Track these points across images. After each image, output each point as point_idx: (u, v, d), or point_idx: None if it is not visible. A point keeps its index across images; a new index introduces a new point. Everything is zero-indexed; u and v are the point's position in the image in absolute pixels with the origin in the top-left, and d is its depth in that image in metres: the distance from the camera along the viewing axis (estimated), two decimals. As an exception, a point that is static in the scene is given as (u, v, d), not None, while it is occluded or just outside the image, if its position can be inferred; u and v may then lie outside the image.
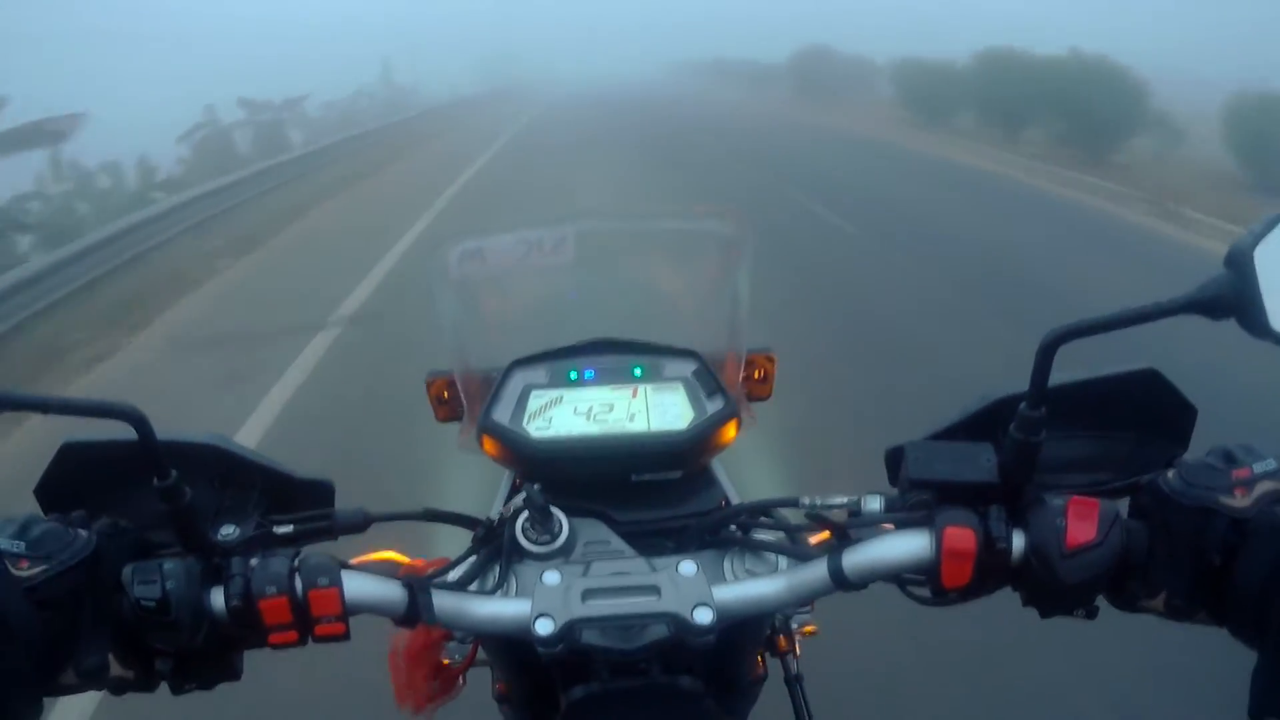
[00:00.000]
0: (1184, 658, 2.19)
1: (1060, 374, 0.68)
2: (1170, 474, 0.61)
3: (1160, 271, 6.42)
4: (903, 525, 0.62)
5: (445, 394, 0.78)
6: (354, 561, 0.72)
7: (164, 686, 0.61)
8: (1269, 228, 0.62)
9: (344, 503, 0.70)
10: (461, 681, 0.81)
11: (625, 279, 0.77)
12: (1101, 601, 0.62)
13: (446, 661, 0.79)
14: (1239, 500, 0.57)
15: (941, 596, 0.61)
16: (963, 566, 0.59)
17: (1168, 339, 1.44)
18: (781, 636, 0.78)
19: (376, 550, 0.74)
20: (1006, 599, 0.64)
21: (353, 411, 4.08)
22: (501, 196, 9.88)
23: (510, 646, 0.70)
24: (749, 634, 0.74)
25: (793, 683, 0.77)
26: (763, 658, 0.78)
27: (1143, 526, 0.61)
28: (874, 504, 0.64)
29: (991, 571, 0.60)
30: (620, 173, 11.29)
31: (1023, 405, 0.60)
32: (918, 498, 0.62)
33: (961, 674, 2.29)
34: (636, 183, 10.55)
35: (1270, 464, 0.59)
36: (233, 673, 0.63)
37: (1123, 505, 0.64)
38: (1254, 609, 0.55)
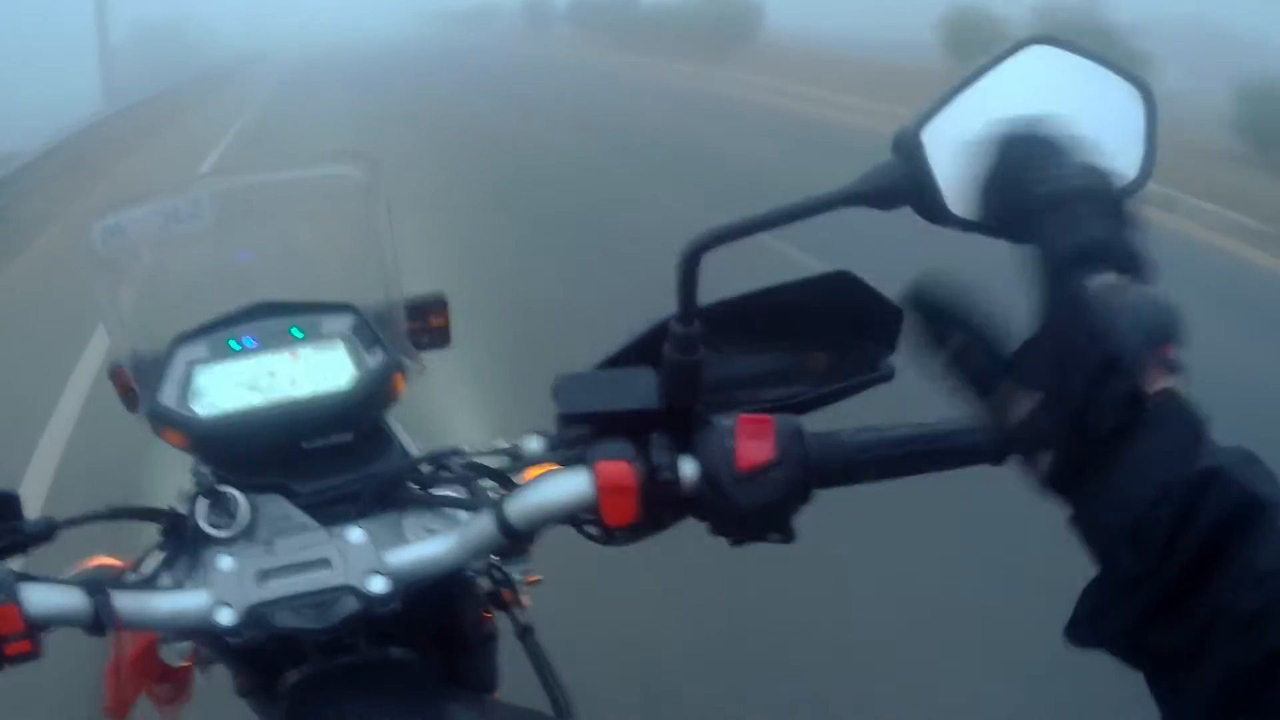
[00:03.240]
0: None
1: (749, 284, 0.64)
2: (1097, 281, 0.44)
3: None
4: (564, 464, 0.58)
5: (130, 383, 0.73)
6: (73, 572, 0.68)
7: None
8: (936, 108, 0.59)
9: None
10: (200, 680, 0.78)
11: (273, 237, 0.72)
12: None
13: (186, 663, 0.76)
14: (1153, 379, 0.42)
15: (611, 536, 0.58)
16: (624, 502, 0.56)
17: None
18: (505, 590, 0.76)
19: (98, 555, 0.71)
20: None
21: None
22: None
23: (220, 639, 0.67)
24: (458, 593, 0.71)
25: (523, 635, 0.74)
26: (490, 614, 0.76)
27: (838, 438, 0.57)
28: (535, 445, 0.60)
29: (663, 504, 0.57)
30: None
31: (672, 322, 0.56)
32: (575, 433, 0.58)
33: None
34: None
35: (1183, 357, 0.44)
36: None
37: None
38: (1133, 509, 0.41)
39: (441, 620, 0.69)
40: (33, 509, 0.63)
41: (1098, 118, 0.61)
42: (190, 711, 0.77)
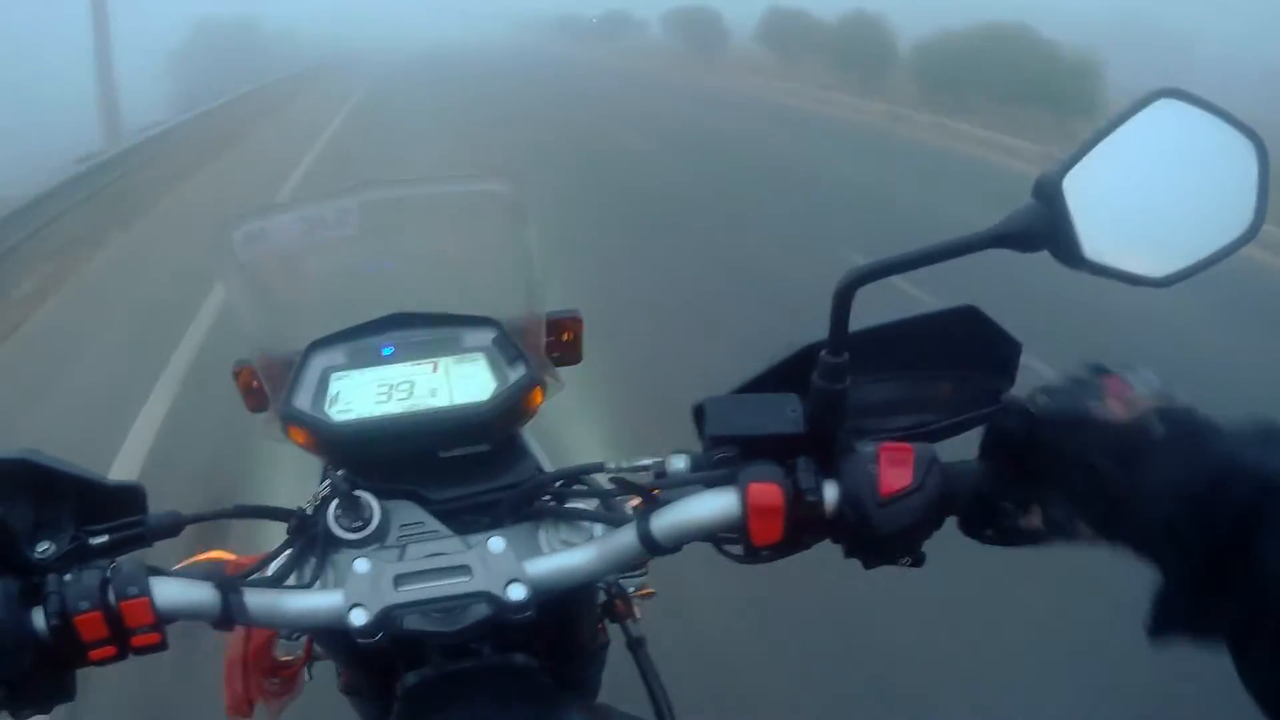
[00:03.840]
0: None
1: (880, 316, 0.67)
2: (1028, 395, 0.57)
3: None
4: (710, 484, 0.60)
5: (254, 382, 0.74)
6: (183, 564, 0.69)
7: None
8: (1078, 155, 0.61)
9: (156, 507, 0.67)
10: (307, 677, 0.79)
11: (417, 248, 0.73)
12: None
13: (287, 658, 0.77)
14: (1116, 411, 0.52)
15: (755, 554, 0.60)
16: (771, 523, 0.58)
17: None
18: (619, 601, 0.77)
19: (212, 549, 0.72)
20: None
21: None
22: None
23: (341, 637, 0.69)
24: (580, 603, 0.73)
25: (634, 647, 0.76)
26: (603, 624, 0.77)
27: (981, 464, 0.59)
28: (680, 464, 0.62)
29: (806, 525, 0.59)
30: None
31: (823, 352, 0.58)
32: (722, 454, 0.60)
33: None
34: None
35: (1153, 380, 0.55)
36: (66, 693, 0.60)
37: (959, 443, 0.63)
38: (1164, 522, 0.48)
39: (560, 629, 0.71)
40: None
41: (1214, 168, 0.64)
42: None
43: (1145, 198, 0.63)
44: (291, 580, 0.64)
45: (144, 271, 6.16)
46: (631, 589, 0.78)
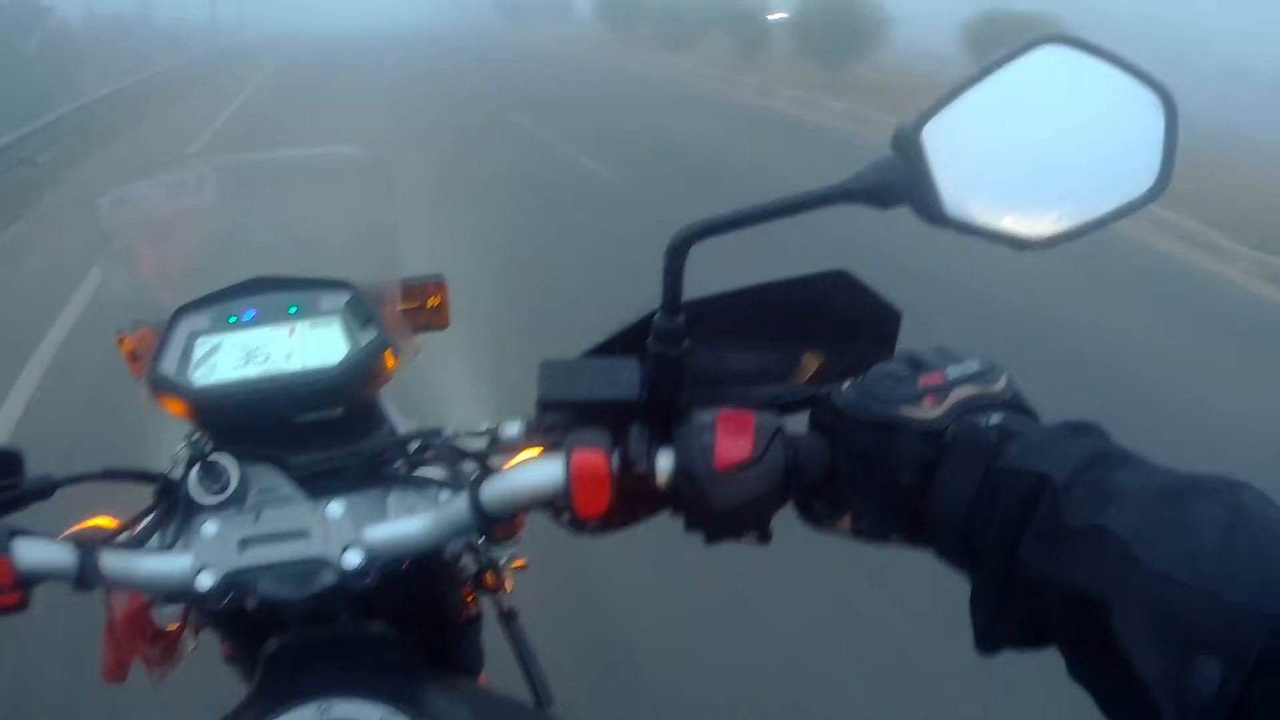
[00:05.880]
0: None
1: (748, 279, 0.63)
2: (845, 386, 0.54)
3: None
4: (547, 450, 0.58)
5: (134, 349, 0.74)
6: (71, 530, 0.70)
7: None
8: (939, 106, 0.57)
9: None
10: (193, 646, 0.79)
11: (277, 214, 0.73)
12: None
13: (174, 626, 0.77)
14: (928, 411, 0.50)
15: (582, 526, 0.57)
16: (597, 493, 0.55)
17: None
18: (489, 573, 0.76)
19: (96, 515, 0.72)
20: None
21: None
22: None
23: (207, 603, 0.68)
24: (440, 573, 0.71)
25: (505, 619, 0.74)
26: (474, 596, 0.76)
27: (822, 440, 0.55)
28: (513, 430, 0.60)
29: (638, 497, 0.56)
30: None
31: (656, 316, 0.56)
32: (552, 420, 0.58)
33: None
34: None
35: (971, 366, 0.52)
36: None
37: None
38: (959, 532, 0.47)
39: (422, 599, 0.70)
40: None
41: (1110, 124, 0.59)
42: (182, 676, 0.78)
43: (1023, 152, 0.58)
44: (155, 543, 0.64)
45: None
46: (503, 560, 0.76)
